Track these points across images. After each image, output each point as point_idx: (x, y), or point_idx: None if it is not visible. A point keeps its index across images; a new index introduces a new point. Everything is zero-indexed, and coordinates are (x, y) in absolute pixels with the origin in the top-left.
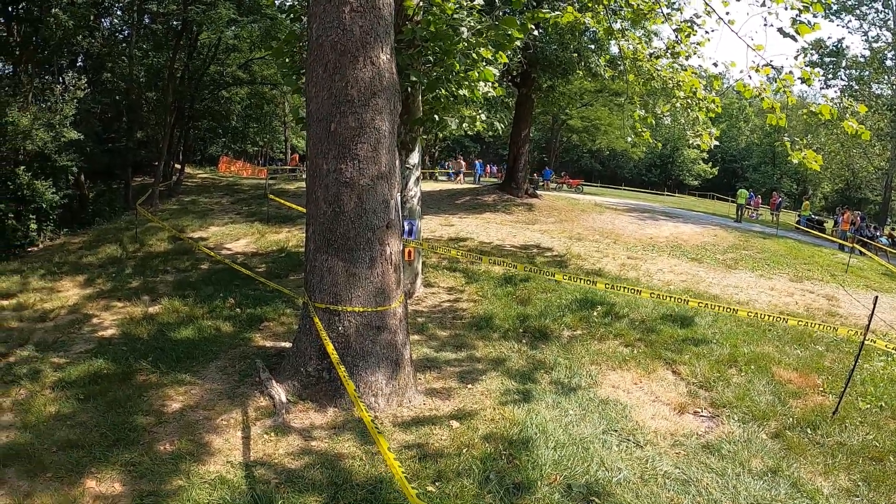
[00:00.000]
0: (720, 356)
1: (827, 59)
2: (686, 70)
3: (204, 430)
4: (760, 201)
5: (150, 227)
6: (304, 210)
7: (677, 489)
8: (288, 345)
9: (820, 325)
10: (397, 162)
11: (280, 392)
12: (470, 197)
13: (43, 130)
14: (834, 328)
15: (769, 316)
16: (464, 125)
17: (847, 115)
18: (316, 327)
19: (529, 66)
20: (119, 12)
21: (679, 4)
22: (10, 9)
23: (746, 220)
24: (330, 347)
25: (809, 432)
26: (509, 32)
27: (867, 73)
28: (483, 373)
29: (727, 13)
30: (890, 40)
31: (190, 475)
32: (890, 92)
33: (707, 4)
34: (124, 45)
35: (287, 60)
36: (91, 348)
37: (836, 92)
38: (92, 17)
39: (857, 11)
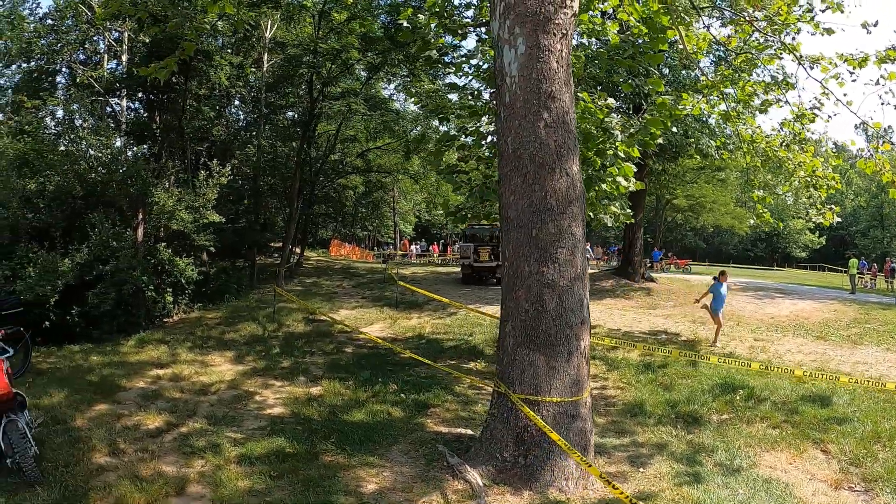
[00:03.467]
0: (864, 433)
1: None
2: (807, 151)
3: None
4: (877, 270)
5: (282, 307)
6: (431, 295)
7: None
8: (462, 431)
9: None
10: (587, 263)
11: (476, 476)
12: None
13: (186, 212)
14: None
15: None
16: (618, 221)
17: None
18: (514, 418)
19: (645, 152)
20: (239, 103)
21: (796, 86)
22: (151, 97)
23: (860, 290)
24: (556, 436)
25: None
26: (652, 131)
27: None
28: (650, 457)
29: (844, 94)
30: None
31: None
32: None
33: (824, 87)
34: (252, 133)
35: (441, 158)
36: (264, 426)
37: None
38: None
39: None
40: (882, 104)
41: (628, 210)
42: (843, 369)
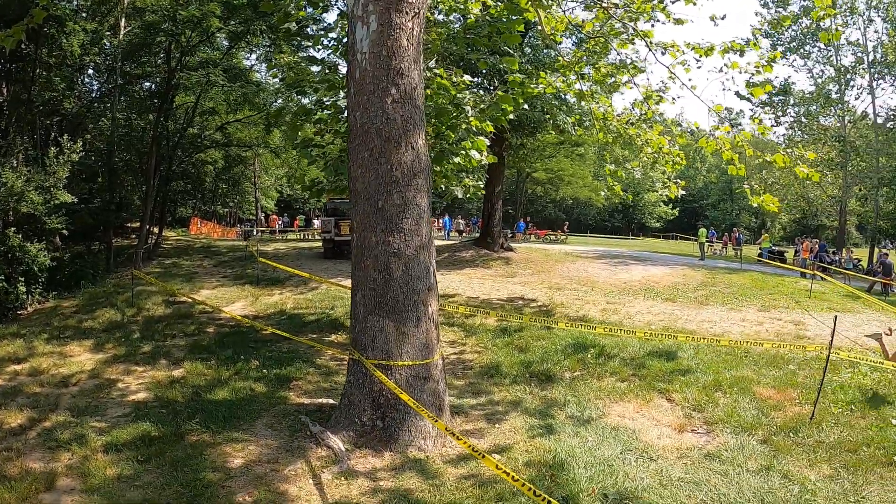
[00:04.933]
0: (706, 383)
1: (776, 98)
2: (653, 129)
3: (276, 481)
4: (727, 239)
5: (141, 290)
6: (292, 271)
7: (691, 489)
8: (323, 401)
9: (790, 346)
10: (431, 232)
11: (338, 442)
12: (448, 254)
13: (36, 192)
14: (803, 347)
15: (746, 342)
16: (469, 193)
17: (798, 161)
18: (369, 383)
19: (501, 127)
20: (93, 73)
21: (646, 70)
22: None
23: (710, 257)
24: (406, 397)
25: (792, 436)
26: (503, 107)
27: (815, 107)
28: (505, 414)
29: (690, 80)
30: (833, 75)
31: None
32: (837, 123)
33: (671, 72)
34: (106, 105)
35: (297, 132)
36: (128, 412)
37: (786, 129)
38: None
39: (802, 51)
40: (724, 90)
41: (480, 183)
42: (689, 327)
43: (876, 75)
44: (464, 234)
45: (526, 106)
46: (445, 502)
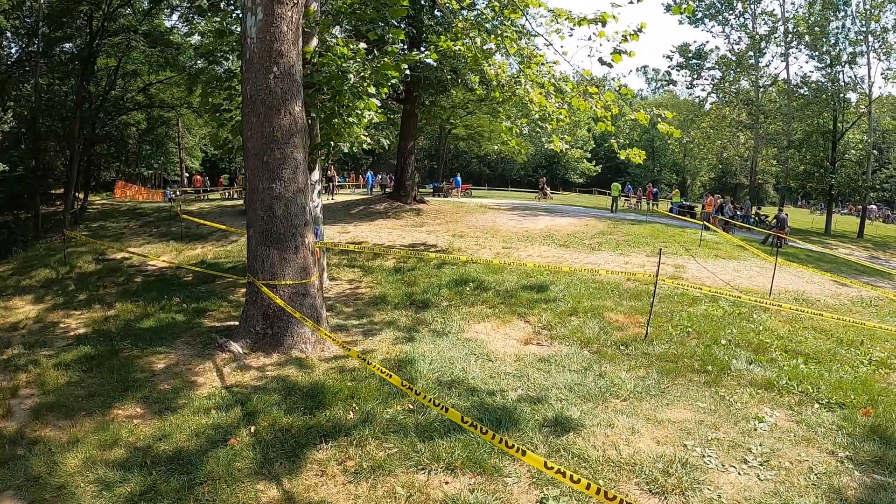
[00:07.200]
0: (564, 309)
1: (693, 62)
2: (535, 90)
3: (188, 374)
4: (641, 193)
5: (72, 251)
6: (213, 225)
7: (513, 380)
8: (232, 324)
9: (622, 273)
10: (308, 180)
11: (237, 347)
12: (363, 207)
13: None
14: (633, 274)
15: (584, 270)
16: (353, 147)
17: (659, 119)
18: (260, 299)
19: (411, 85)
20: (11, 36)
21: (527, 30)
22: None
23: (623, 210)
24: (280, 301)
25: (622, 348)
26: (387, 73)
27: (731, 72)
28: (379, 330)
29: (562, 46)
30: (749, 43)
31: (190, 396)
32: (750, 88)
33: (546, 40)
34: (27, 70)
35: (207, 98)
36: (71, 342)
37: (701, 90)
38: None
39: (720, 18)
40: (590, 56)
41: (382, 140)
42: (573, 267)
43: (791, 43)
44: (387, 190)
45: (408, 71)
46: (312, 382)
